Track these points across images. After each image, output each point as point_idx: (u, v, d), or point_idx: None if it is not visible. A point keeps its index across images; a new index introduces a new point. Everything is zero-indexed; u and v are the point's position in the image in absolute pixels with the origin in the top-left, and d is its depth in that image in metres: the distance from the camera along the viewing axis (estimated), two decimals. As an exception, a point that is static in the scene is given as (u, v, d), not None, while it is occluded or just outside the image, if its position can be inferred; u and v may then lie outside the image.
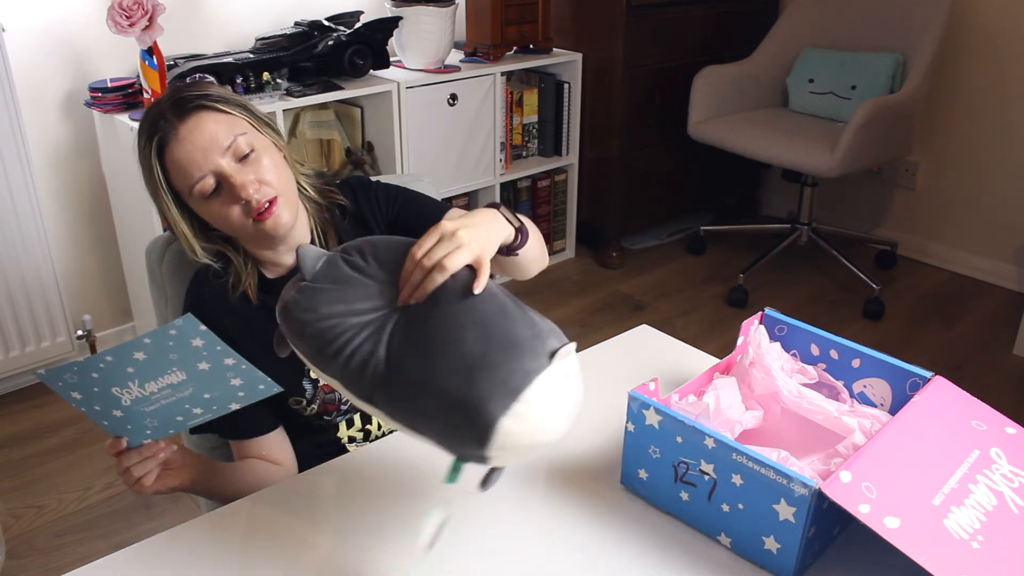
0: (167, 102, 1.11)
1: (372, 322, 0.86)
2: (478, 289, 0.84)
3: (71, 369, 0.92)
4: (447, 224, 0.89)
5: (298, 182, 1.20)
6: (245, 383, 0.96)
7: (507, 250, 1.04)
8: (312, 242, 1.22)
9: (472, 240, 0.88)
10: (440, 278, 0.85)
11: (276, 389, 0.97)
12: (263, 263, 1.22)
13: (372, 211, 1.26)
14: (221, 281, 1.19)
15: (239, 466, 1.20)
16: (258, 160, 1.11)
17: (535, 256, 1.17)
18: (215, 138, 1.08)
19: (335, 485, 1.08)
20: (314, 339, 0.86)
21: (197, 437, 1.35)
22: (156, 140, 1.08)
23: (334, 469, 1.11)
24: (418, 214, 1.26)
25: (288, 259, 1.21)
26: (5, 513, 2.05)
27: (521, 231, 1.05)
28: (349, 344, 0.85)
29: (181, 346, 0.91)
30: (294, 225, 1.16)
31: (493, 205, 1.03)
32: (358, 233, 1.25)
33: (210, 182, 1.09)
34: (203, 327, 0.89)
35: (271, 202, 1.11)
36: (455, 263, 0.85)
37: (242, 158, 1.10)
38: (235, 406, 0.99)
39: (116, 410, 0.97)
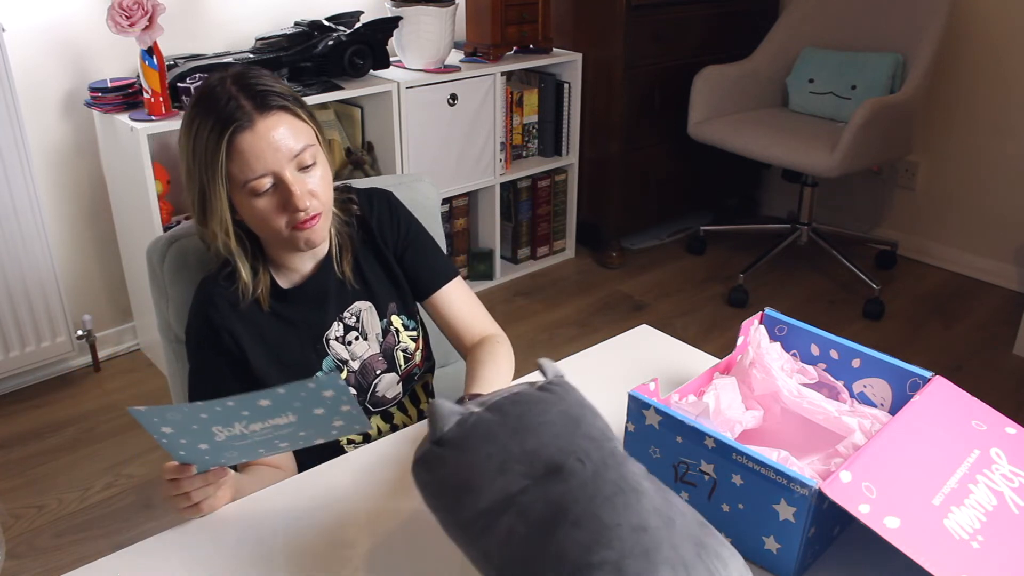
0: (245, 89, 1.09)
1: (490, 509, 0.78)
2: None
3: (180, 410, 0.87)
4: None
5: None
6: (344, 424, 0.94)
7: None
8: (328, 252, 1.24)
9: None
10: None
11: (369, 428, 0.95)
12: (279, 268, 1.23)
13: (383, 231, 1.29)
14: (233, 287, 1.19)
15: (254, 473, 1.20)
16: (314, 172, 1.14)
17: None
18: (287, 143, 1.10)
19: (334, 484, 1.08)
20: (436, 511, 0.83)
21: None
22: (232, 126, 1.07)
23: (332, 468, 1.11)
24: (426, 267, 1.31)
25: (306, 267, 1.23)
26: (5, 513, 2.05)
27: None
28: (470, 529, 0.79)
29: (311, 396, 0.88)
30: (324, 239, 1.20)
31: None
32: (365, 245, 1.28)
33: (268, 181, 1.10)
34: (341, 381, 0.86)
35: (315, 216, 1.14)
36: None
37: (303, 168, 1.12)
38: (320, 440, 0.98)
39: (203, 443, 0.93)
